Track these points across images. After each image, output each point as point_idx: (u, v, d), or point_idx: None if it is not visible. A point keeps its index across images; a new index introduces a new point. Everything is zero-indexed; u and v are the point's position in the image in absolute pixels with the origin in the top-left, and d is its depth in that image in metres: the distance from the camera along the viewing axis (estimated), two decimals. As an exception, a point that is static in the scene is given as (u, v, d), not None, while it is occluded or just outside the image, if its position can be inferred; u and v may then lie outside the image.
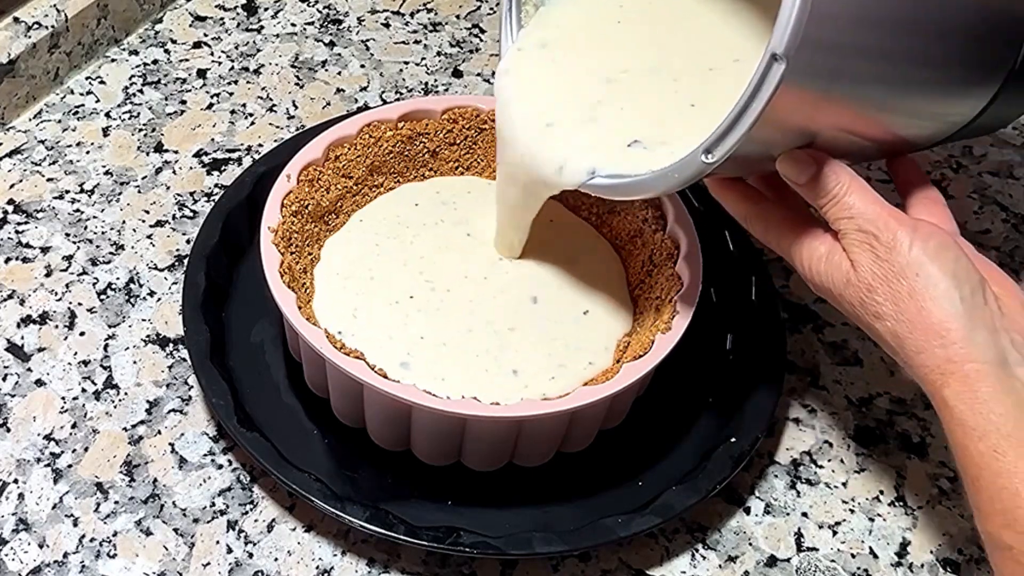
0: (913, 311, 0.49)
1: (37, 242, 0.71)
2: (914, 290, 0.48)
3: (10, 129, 0.77)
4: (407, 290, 0.62)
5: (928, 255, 0.49)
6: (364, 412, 0.60)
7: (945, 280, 0.48)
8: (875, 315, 0.50)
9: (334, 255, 0.64)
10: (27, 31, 0.76)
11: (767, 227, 0.54)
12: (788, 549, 0.61)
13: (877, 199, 0.50)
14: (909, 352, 0.49)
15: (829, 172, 0.50)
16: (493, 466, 0.61)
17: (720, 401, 0.65)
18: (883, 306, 0.49)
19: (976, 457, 0.48)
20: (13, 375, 0.65)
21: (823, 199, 0.50)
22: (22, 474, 0.61)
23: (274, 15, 0.87)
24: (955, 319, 0.48)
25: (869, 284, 0.50)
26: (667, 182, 0.51)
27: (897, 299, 0.49)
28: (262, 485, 0.62)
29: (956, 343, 0.48)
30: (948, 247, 0.49)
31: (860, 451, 0.66)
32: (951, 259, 0.49)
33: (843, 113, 0.49)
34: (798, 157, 0.50)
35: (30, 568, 0.58)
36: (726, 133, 0.46)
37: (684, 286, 0.60)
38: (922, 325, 0.48)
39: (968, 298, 0.48)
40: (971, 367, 0.48)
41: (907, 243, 0.49)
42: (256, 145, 0.78)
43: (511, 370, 0.59)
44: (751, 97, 0.45)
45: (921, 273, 0.48)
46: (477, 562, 0.59)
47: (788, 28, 0.42)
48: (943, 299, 0.48)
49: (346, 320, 0.61)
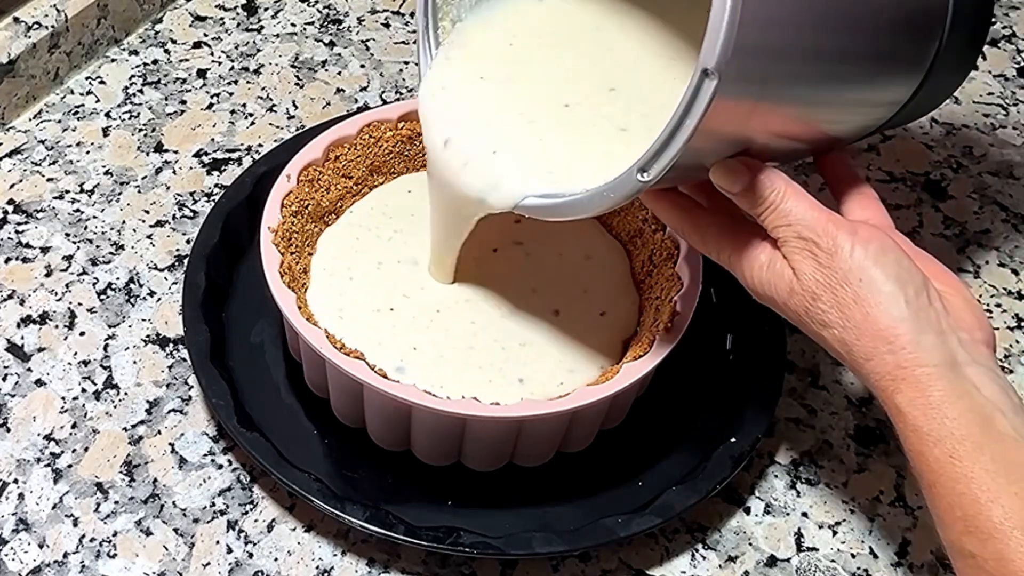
0: (859, 317, 0.48)
1: (37, 242, 0.71)
2: (858, 296, 0.48)
3: (10, 129, 0.77)
4: (386, 296, 0.62)
5: (870, 259, 0.48)
6: (364, 412, 0.60)
7: (889, 283, 0.47)
8: (821, 323, 0.49)
9: (328, 247, 0.65)
10: (27, 31, 0.76)
11: (704, 237, 0.53)
12: (788, 549, 0.61)
13: (814, 204, 0.49)
14: (858, 359, 0.48)
15: (764, 180, 0.49)
16: (493, 466, 0.61)
17: (720, 401, 0.65)
18: (829, 314, 0.48)
19: (932, 463, 0.47)
20: (13, 375, 0.65)
21: (759, 207, 0.49)
22: (22, 474, 0.61)
23: (274, 15, 0.87)
24: (902, 323, 0.47)
25: (813, 292, 0.49)
26: (602, 201, 0.50)
27: (842, 306, 0.48)
28: (262, 485, 0.62)
29: (905, 348, 0.47)
30: (889, 249, 0.48)
31: (860, 451, 0.66)
32: (893, 261, 0.48)
33: (776, 117, 0.49)
34: (731, 166, 0.49)
35: (30, 568, 0.58)
36: (661, 150, 0.46)
37: (684, 286, 0.60)
38: (869, 331, 0.48)
39: (913, 300, 0.48)
40: (921, 371, 0.47)
41: (848, 247, 0.48)
42: (256, 145, 0.78)
43: (517, 379, 0.59)
44: (684, 113, 0.44)
45: (864, 278, 0.48)
46: (477, 562, 0.59)
47: (718, 41, 0.42)
48: (888, 304, 0.47)
49: (334, 322, 0.60)
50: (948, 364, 0.47)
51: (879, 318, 0.47)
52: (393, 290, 0.63)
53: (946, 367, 0.47)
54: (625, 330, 0.63)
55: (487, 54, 0.60)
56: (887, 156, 0.81)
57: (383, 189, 0.68)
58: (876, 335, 0.47)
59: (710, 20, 0.42)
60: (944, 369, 0.47)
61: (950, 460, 0.46)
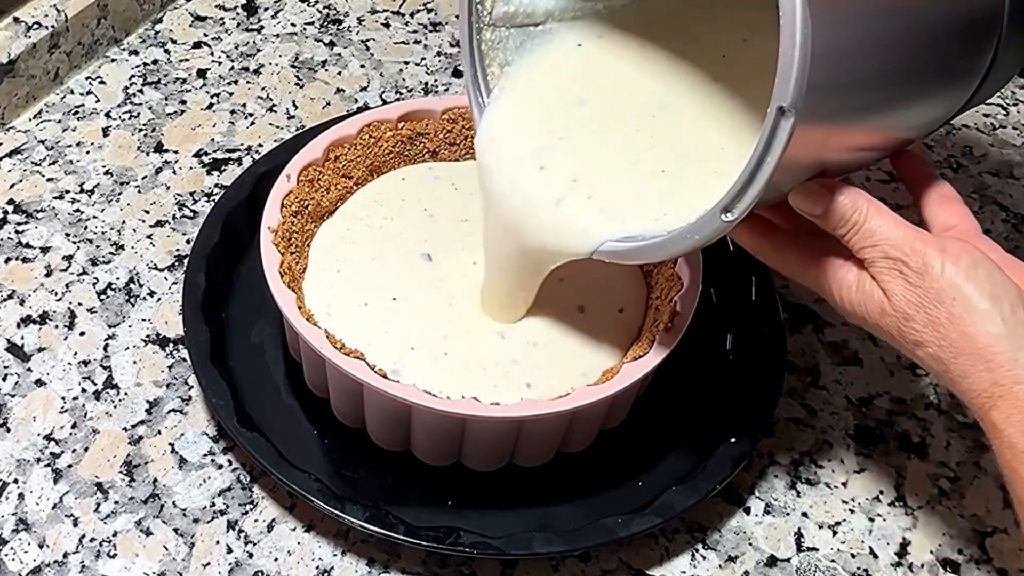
0: (955, 336, 0.47)
1: (37, 242, 0.71)
2: (953, 315, 0.47)
3: (10, 129, 0.77)
4: (379, 290, 0.62)
5: (961, 276, 0.47)
6: (364, 412, 0.60)
7: (984, 301, 0.47)
8: (915, 343, 0.48)
9: (321, 240, 0.64)
10: (27, 31, 0.76)
11: (786, 259, 0.53)
12: (788, 549, 0.61)
13: (899, 221, 0.49)
14: (954, 376, 0.48)
15: (845, 200, 0.49)
16: (493, 466, 0.61)
17: (720, 401, 0.65)
18: (923, 333, 0.48)
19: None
20: (13, 375, 0.65)
21: (843, 228, 0.49)
22: (22, 474, 0.61)
23: (274, 15, 0.87)
24: (1000, 341, 0.46)
25: (905, 312, 0.48)
26: (685, 243, 0.50)
27: (936, 325, 0.47)
28: (262, 485, 0.62)
29: (1003, 366, 0.46)
30: (979, 263, 0.48)
31: (860, 451, 0.66)
32: (985, 276, 0.47)
33: (851, 137, 0.49)
34: (811, 190, 0.49)
35: (30, 568, 0.58)
36: (744, 189, 0.46)
37: (684, 286, 0.60)
38: (966, 350, 0.47)
39: (1009, 317, 0.47)
40: (1019, 388, 0.46)
41: (938, 266, 0.47)
42: (256, 145, 0.78)
43: (525, 383, 0.59)
44: (764, 151, 0.44)
45: (958, 297, 0.47)
46: (477, 562, 0.59)
47: (791, 79, 0.42)
48: (984, 322, 0.47)
49: (321, 318, 0.60)
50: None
51: (976, 337, 0.47)
52: (388, 285, 0.62)
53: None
54: (634, 329, 0.63)
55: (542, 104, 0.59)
56: (887, 156, 0.81)
57: (376, 181, 0.68)
58: (973, 353, 0.47)
59: (780, 56, 0.42)
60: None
61: None
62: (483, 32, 0.59)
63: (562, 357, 0.60)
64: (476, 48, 0.59)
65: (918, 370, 0.69)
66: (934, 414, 0.68)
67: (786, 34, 0.41)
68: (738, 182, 0.46)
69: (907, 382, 0.69)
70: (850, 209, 0.49)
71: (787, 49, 0.42)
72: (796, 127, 0.43)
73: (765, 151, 0.44)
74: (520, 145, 0.58)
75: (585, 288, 0.63)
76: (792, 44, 0.41)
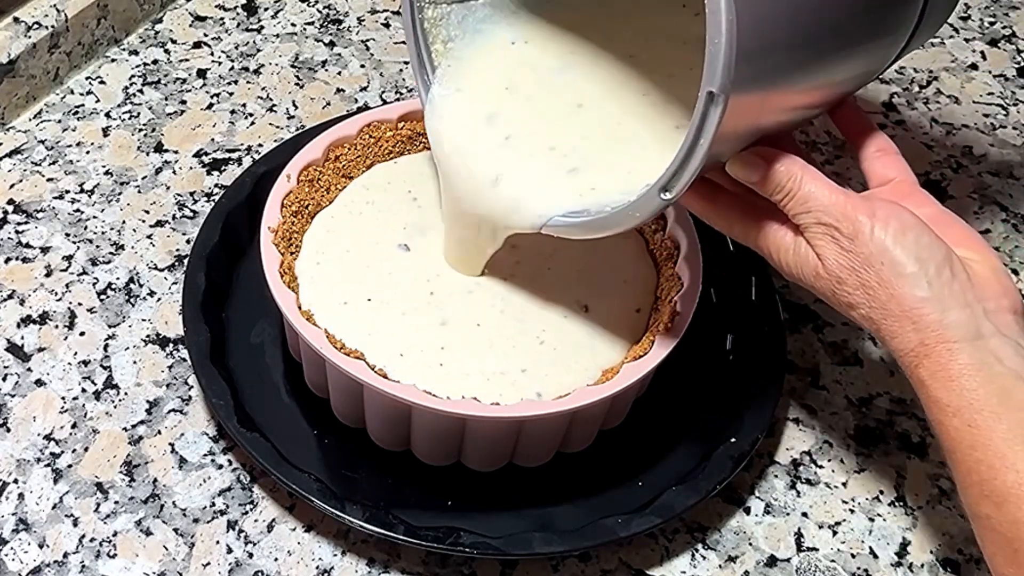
0: (884, 298, 0.49)
1: (37, 242, 0.71)
2: (882, 278, 0.49)
3: (10, 129, 0.77)
4: (359, 285, 0.61)
5: (890, 240, 0.49)
6: (364, 412, 0.60)
7: (911, 265, 0.49)
8: (848, 304, 0.51)
9: (313, 233, 0.64)
10: (27, 31, 0.76)
11: (730, 221, 0.54)
12: (788, 549, 0.61)
13: (832, 187, 0.50)
14: (885, 335, 0.50)
15: (780, 168, 0.50)
16: (493, 466, 0.61)
17: (720, 401, 0.65)
18: (854, 295, 0.50)
19: (952, 432, 0.48)
20: (13, 375, 0.65)
21: (778, 195, 0.51)
22: (22, 474, 0.61)
23: (274, 15, 0.87)
24: (925, 304, 0.48)
25: (838, 276, 0.50)
26: (627, 219, 0.52)
27: (867, 288, 0.50)
28: (262, 485, 0.62)
29: (929, 327, 0.48)
30: (908, 228, 0.49)
31: (860, 451, 0.66)
32: (913, 240, 0.49)
33: (784, 102, 0.50)
34: (745, 159, 0.51)
35: (30, 568, 0.58)
36: (680, 170, 0.47)
37: (684, 286, 0.60)
38: (895, 312, 0.49)
39: (935, 279, 0.49)
40: (943, 347, 0.48)
41: (868, 230, 0.49)
42: (256, 145, 0.78)
43: (535, 393, 0.58)
44: (697, 134, 0.45)
45: (886, 261, 0.49)
46: (477, 562, 0.59)
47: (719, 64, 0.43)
48: (911, 286, 0.49)
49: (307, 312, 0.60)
50: (971, 337, 0.48)
51: (903, 299, 0.49)
52: (368, 280, 0.61)
53: (969, 340, 0.48)
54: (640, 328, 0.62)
55: (488, 85, 0.61)
56: (887, 156, 0.81)
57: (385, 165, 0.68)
58: (902, 315, 0.49)
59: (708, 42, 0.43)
60: (967, 343, 0.48)
61: (968, 429, 0.48)
62: (425, 11, 0.61)
63: (567, 356, 0.60)
64: (419, 26, 0.61)
65: (918, 370, 0.69)
66: (934, 414, 0.68)
67: (712, 22, 0.42)
68: (674, 163, 0.47)
69: (907, 382, 0.68)
70: (784, 176, 0.50)
71: (714, 36, 0.43)
72: (726, 109, 0.44)
73: (698, 134, 0.45)
74: (463, 128, 0.60)
75: (595, 286, 0.62)
76: (719, 31, 0.42)
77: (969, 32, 0.91)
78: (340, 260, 0.62)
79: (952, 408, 0.48)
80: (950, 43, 0.90)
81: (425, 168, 0.67)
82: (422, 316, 0.60)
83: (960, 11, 0.93)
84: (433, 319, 0.60)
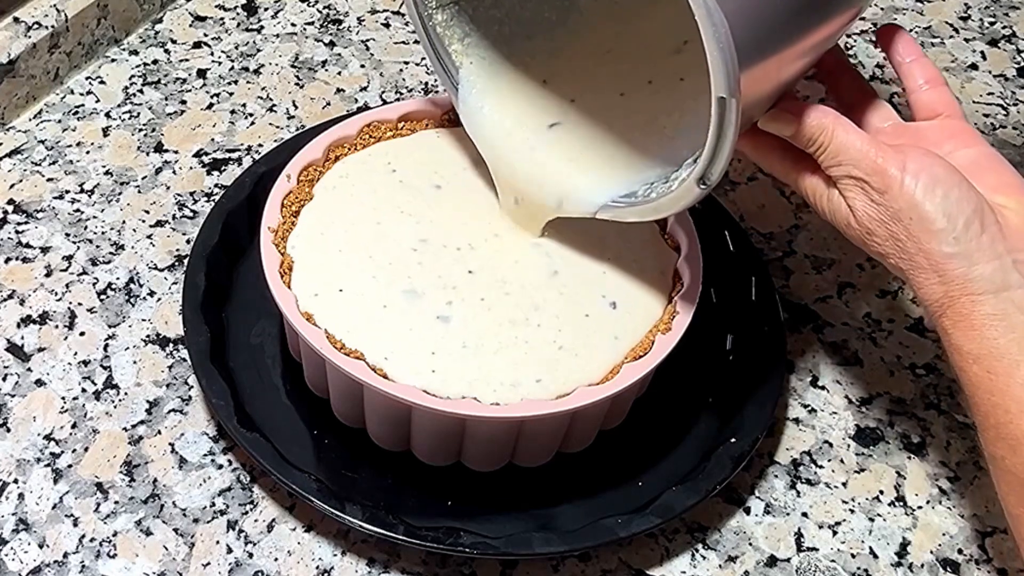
0: (913, 251, 0.50)
1: (37, 242, 0.71)
2: (910, 232, 0.50)
3: (10, 129, 0.77)
4: (341, 274, 0.60)
5: (919, 194, 0.50)
6: (364, 412, 0.60)
7: (939, 220, 0.49)
8: (878, 253, 0.52)
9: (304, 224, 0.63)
10: (27, 31, 0.76)
11: (771, 162, 0.56)
12: (788, 549, 0.61)
13: (864, 138, 0.51)
14: (912, 285, 0.52)
15: (810, 121, 0.51)
16: (493, 466, 0.61)
17: (720, 401, 0.65)
18: (884, 246, 0.51)
19: (972, 377, 0.50)
20: (13, 375, 0.65)
21: (811, 148, 0.52)
22: (22, 474, 0.61)
23: (274, 15, 0.87)
24: (952, 259, 0.49)
25: (868, 228, 0.51)
26: (670, 207, 0.53)
27: (896, 239, 0.51)
28: (262, 485, 0.62)
29: (954, 280, 0.50)
30: (939, 182, 0.50)
31: (860, 451, 0.66)
32: (942, 195, 0.50)
33: (796, 56, 0.50)
34: (776, 116, 0.52)
35: (30, 568, 0.58)
36: (712, 162, 0.48)
37: (684, 286, 0.60)
38: (923, 264, 0.50)
39: (963, 234, 0.49)
40: (967, 298, 0.50)
41: (898, 184, 0.50)
42: (256, 145, 0.78)
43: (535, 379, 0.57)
44: (719, 133, 0.46)
45: (914, 216, 0.50)
46: (477, 562, 0.59)
47: (723, 72, 0.44)
48: (938, 240, 0.50)
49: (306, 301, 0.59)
50: (997, 290, 0.49)
51: (930, 253, 0.50)
52: (366, 273, 0.60)
53: (993, 293, 0.49)
54: None
55: (525, 80, 0.62)
56: (887, 156, 0.81)
57: None
58: (928, 268, 0.50)
59: (707, 53, 0.43)
60: (990, 295, 0.49)
61: (987, 375, 0.50)
62: (434, 16, 0.62)
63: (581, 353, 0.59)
64: (432, 33, 0.62)
65: (918, 370, 0.69)
66: (934, 414, 0.68)
67: (707, 35, 0.43)
68: (704, 158, 0.48)
69: (907, 382, 0.69)
70: (816, 130, 0.51)
71: (711, 48, 0.44)
72: (741, 98, 0.45)
73: (720, 133, 0.46)
74: (506, 129, 0.61)
75: (619, 285, 0.61)
76: (716, 44, 0.43)
77: (969, 32, 0.91)
78: (337, 254, 0.61)
79: (973, 355, 0.50)
80: (950, 43, 0.90)
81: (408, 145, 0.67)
82: (423, 314, 0.59)
83: (960, 11, 0.93)
84: (436, 315, 0.59)
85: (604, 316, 0.59)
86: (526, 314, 0.59)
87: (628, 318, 0.59)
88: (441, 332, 0.58)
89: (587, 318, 0.59)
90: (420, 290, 0.59)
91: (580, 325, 0.59)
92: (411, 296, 0.59)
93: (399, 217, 0.62)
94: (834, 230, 0.54)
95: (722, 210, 0.72)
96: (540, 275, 0.60)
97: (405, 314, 0.58)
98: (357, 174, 0.64)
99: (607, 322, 0.59)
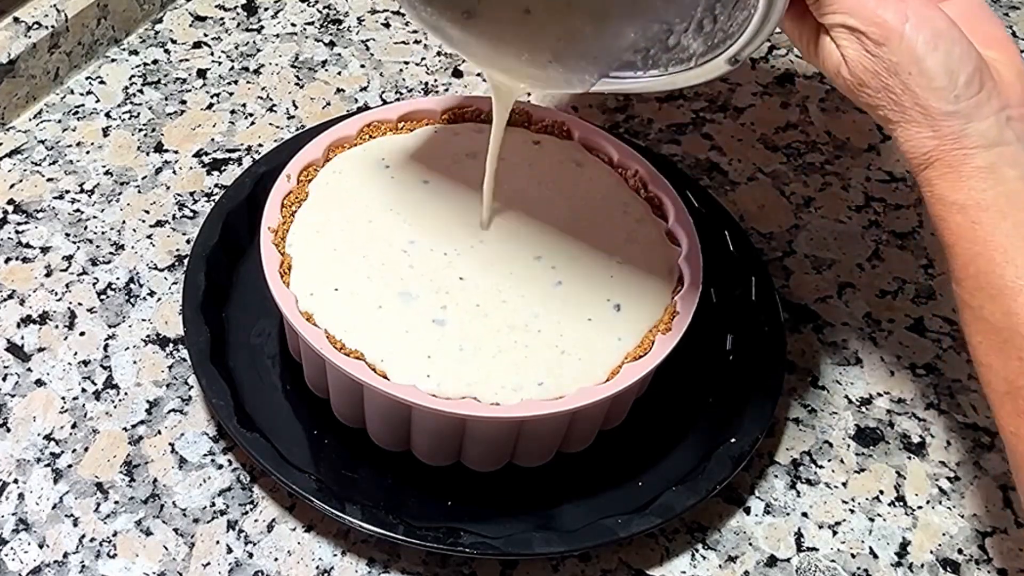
0: (908, 104, 0.48)
1: (37, 242, 0.71)
2: (907, 87, 0.48)
3: (10, 129, 0.77)
4: (336, 272, 0.59)
5: (921, 49, 0.48)
6: (364, 412, 0.60)
7: (940, 77, 0.48)
8: (868, 105, 0.50)
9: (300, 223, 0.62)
10: (27, 31, 0.76)
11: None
12: (788, 549, 0.61)
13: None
14: (898, 136, 0.50)
15: None
16: (493, 466, 0.61)
17: (720, 401, 0.65)
18: (875, 98, 0.49)
19: (954, 227, 0.49)
20: (13, 375, 0.65)
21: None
22: (22, 474, 0.61)
23: (274, 15, 0.87)
24: (950, 117, 0.48)
25: (860, 79, 0.49)
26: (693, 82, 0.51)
27: (890, 92, 0.49)
28: (262, 485, 0.62)
29: (948, 136, 0.48)
30: (941, 36, 0.48)
31: (860, 451, 0.66)
32: (944, 51, 0.48)
33: None
34: None
35: (30, 568, 0.58)
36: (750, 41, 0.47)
37: (684, 286, 0.60)
38: (917, 119, 0.48)
39: (963, 92, 0.48)
40: (959, 152, 0.48)
41: (897, 38, 0.47)
42: (256, 145, 0.78)
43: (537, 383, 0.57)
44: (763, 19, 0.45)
45: (914, 71, 0.48)
46: (477, 562, 0.59)
47: None
48: (938, 98, 0.48)
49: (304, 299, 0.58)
50: (989, 144, 0.48)
51: (927, 109, 0.48)
52: (361, 273, 0.60)
53: (985, 147, 0.48)
54: None
55: None
56: (887, 156, 0.81)
57: None
58: (924, 123, 0.48)
59: None
60: (982, 149, 0.48)
61: (971, 225, 0.48)
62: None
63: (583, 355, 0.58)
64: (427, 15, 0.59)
65: (918, 370, 0.69)
66: (934, 414, 0.68)
67: None
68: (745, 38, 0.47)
69: (907, 382, 0.69)
70: None
71: None
72: None
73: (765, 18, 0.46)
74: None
75: (624, 285, 0.61)
76: None
77: (969, 32, 0.91)
78: (332, 252, 0.61)
79: (958, 206, 0.48)
80: (950, 43, 0.90)
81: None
82: (419, 316, 0.59)
83: (960, 11, 0.93)
84: (432, 318, 0.59)
85: (608, 318, 0.59)
86: (525, 320, 0.58)
87: (633, 319, 0.59)
88: (437, 335, 0.58)
89: (590, 322, 0.59)
90: (414, 292, 0.59)
91: (583, 329, 0.58)
92: (405, 298, 0.59)
93: (389, 216, 0.62)
94: (834, 230, 0.54)
95: (722, 210, 0.72)
96: (543, 287, 0.60)
97: (401, 315, 0.58)
98: (351, 169, 0.64)
99: (611, 324, 0.59)
